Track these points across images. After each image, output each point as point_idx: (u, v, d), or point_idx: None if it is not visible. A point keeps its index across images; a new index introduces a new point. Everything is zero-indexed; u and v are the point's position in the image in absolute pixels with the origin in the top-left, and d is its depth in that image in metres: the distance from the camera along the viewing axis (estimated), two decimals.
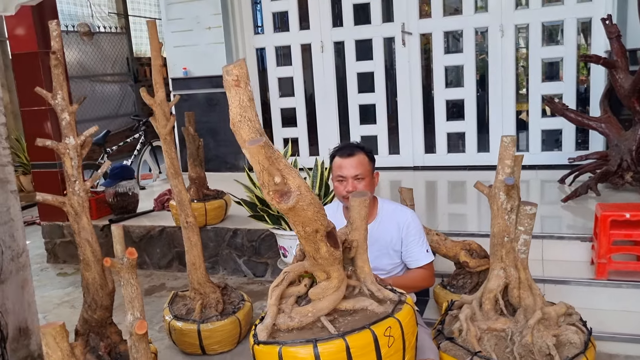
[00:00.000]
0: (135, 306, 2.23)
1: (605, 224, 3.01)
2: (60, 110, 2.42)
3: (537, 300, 2.38)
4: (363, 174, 2.50)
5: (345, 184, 2.50)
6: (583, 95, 5.56)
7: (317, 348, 1.73)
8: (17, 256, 2.31)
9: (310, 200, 1.66)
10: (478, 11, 5.54)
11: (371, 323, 1.79)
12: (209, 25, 6.19)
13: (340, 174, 2.51)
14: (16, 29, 4.59)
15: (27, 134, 4.86)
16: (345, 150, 2.54)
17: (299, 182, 1.64)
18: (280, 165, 1.61)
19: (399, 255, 2.64)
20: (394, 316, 1.83)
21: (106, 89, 10.01)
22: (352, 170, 2.49)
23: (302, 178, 1.68)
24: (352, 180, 2.49)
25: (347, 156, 2.51)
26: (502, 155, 2.35)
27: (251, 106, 1.60)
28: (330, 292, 1.89)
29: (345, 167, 2.50)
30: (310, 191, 1.69)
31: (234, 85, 1.58)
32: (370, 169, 2.55)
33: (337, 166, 2.53)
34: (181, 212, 3.09)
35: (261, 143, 1.55)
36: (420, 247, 2.62)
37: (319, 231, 1.74)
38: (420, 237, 2.63)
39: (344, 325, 1.84)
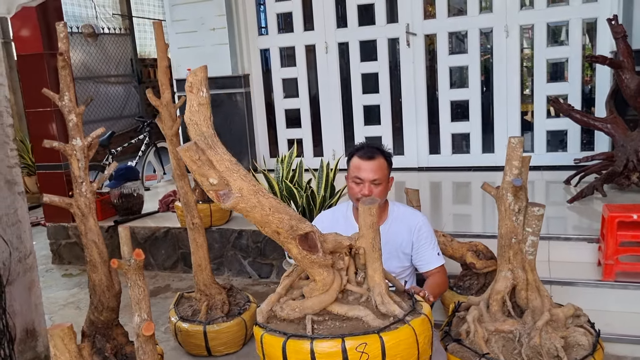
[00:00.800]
0: (142, 307, 2.22)
1: (612, 225, 3.00)
2: (67, 112, 2.42)
3: (545, 301, 2.37)
4: (381, 179, 2.47)
5: (362, 187, 2.46)
6: (588, 95, 5.54)
7: (287, 342, 1.78)
8: (24, 258, 2.31)
9: (254, 203, 1.69)
10: (483, 12, 5.53)
11: (347, 335, 1.76)
12: (214, 27, 6.19)
13: (358, 175, 2.47)
14: (21, 31, 4.60)
15: (32, 135, 4.87)
16: (366, 152, 2.49)
17: (242, 185, 1.68)
18: (222, 167, 1.68)
19: (409, 259, 2.63)
20: (378, 333, 1.77)
21: (110, 90, 10.02)
22: (371, 174, 2.45)
23: (250, 182, 1.70)
24: (369, 185, 2.45)
25: (367, 159, 2.47)
26: (509, 156, 2.34)
27: (200, 110, 1.72)
28: (317, 294, 1.90)
29: (365, 170, 2.46)
30: (259, 194, 1.70)
31: (188, 90, 1.70)
32: (388, 173, 2.53)
33: (356, 167, 2.48)
34: (187, 214, 3.09)
35: (185, 147, 1.68)
36: (432, 250, 2.62)
37: (279, 233, 1.77)
38: (431, 240, 2.62)
39: (326, 329, 1.84)
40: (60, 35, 2.37)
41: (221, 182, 1.68)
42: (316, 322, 1.88)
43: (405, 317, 1.86)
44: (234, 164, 1.71)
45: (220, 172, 1.68)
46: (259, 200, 1.71)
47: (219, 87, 6.25)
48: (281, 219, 1.76)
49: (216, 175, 1.68)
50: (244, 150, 6.32)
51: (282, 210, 1.77)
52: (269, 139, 6.57)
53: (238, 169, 1.72)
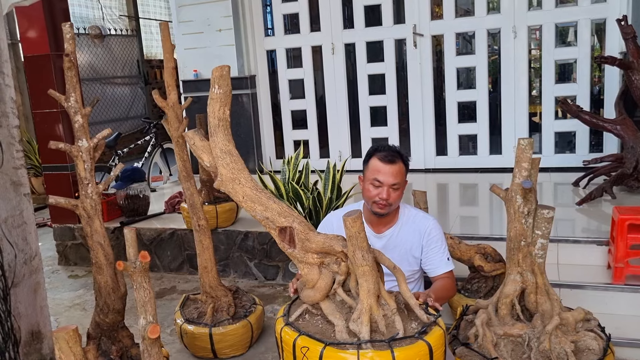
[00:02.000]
0: (147, 310, 2.21)
1: (622, 228, 2.96)
2: (74, 113, 2.41)
3: (555, 305, 2.33)
4: (399, 184, 2.45)
5: (380, 191, 2.42)
6: (597, 97, 5.49)
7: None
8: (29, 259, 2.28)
9: (230, 189, 1.96)
10: (490, 12, 5.49)
11: (303, 333, 1.86)
12: (220, 28, 6.18)
13: (378, 178, 2.43)
14: (28, 32, 4.61)
15: (39, 136, 4.87)
16: (387, 156, 2.44)
17: (222, 172, 1.97)
18: (215, 154, 2.00)
19: (418, 263, 2.60)
20: (327, 346, 1.78)
21: (117, 91, 10.05)
22: (392, 178, 2.42)
23: (231, 169, 1.96)
24: (389, 189, 2.42)
25: (388, 162, 2.42)
26: (519, 158, 2.31)
27: (211, 103, 2.07)
28: (305, 287, 1.98)
29: (385, 173, 2.42)
30: (235, 183, 1.94)
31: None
32: (405, 178, 2.51)
33: (375, 169, 2.44)
34: (193, 215, 3.08)
35: (190, 132, 2.11)
36: (442, 255, 2.58)
37: (266, 220, 1.95)
38: (441, 245, 2.59)
39: (304, 325, 1.95)
40: (66, 36, 2.36)
41: (213, 165, 2.00)
42: (308, 313, 1.99)
43: (368, 343, 1.77)
44: (223, 153, 1.99)
45: (213, 157, 2.00)
46: (233, 187, 1.96)
47: None
48: (253, 208, 1.95)
49: (208, 159, 2.01)
50: (251, 151, 6.31)
51: (257, 201, 1.95)
52: (275, 140, 6.56)
53: (224, 157, 1.99)
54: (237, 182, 1.97)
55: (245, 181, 1.97)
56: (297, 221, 1.95)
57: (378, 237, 2.57)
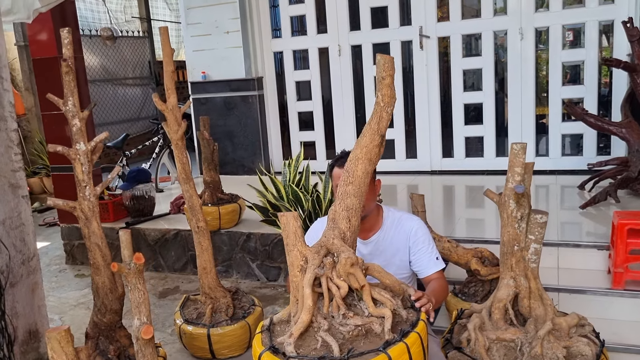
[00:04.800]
0: (142, 311, 2.24)
1: (622, 233, 2.94)
2: (71, 117, 2.46)
3: (548, 310, 2.33)
4: None
5: None
6: (605, 98, 5.44)
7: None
8: (27, 260, 2.34)
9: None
10: (497, 14, 5.47)
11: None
12: (228, 30, 6.23)
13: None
14: (37, 35, 4.68)
15: (47, 137, 4.94)
16: (343, 160, 2.44)
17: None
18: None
19: (407, 266, 2.58)
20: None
21: (128, 92, 10.15)
22: None
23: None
24: None
25: (344, 165, 2.44)
26: (512, 163, 2.32)
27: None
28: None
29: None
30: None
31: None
32: (372, 177, 2.44)
33: (336, 176, 2.46)
34: (192, 217, 3.11)
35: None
36: (430, 254, 2.55)
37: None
38: (428, 244, 2.56)
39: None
40: (64, 42, 2.40)
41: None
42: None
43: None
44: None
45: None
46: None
47: (232, 89, 6.29)
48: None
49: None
50: (258, 152, 6.34)
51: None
52: (282, 142, 6.59)
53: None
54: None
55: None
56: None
57: (364, 243, 2.57)
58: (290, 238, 1.92)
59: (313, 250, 1.90)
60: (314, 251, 1.90)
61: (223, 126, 6.33)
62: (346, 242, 1.86)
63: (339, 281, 1.83)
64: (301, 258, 1.91)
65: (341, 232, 1.86)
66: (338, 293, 1.82)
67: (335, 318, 1.83)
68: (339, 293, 1.82)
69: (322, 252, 1.90)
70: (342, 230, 1.87)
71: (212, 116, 6.10)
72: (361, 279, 1.81)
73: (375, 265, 1.91)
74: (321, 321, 1.83)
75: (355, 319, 1.80)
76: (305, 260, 1.90)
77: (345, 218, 1.89)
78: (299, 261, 1.91)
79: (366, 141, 1.99)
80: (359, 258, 1.84)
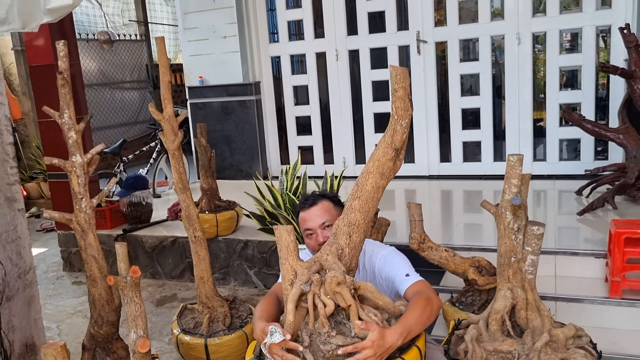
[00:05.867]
0: (138, 324, 2.24)
1: (619, 241, 2.94)
2: (67, 129, 2.45)
3: (545, 321, 2.32)
4: (331, 220, 2.26)
5: (315, 237, 2.28)
6: (602, 103, 5.45)
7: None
8: (24, 273, 2.33)
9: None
10: (494, 19, 5.47)
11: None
12: (225, 34, 6.22)
13: (307, 227, 2.30)
14: (33, 41, 4.67)
15: (44, 144, 4.93)
16: (306, 203, 2.34)
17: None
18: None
19: (394, 298, 2.25)
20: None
21: (125, 95, 10.14)
22: (317, 219, 2.28)
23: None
24: (320, 230, 2.26)
25: (308, 207, 2.32)
26: (508, 175, 2.31)
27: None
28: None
29: (309, 218, 2.29)
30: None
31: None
32: (338, 213, 2.24)
33: (303, 220, 2.33)
34: (189, 227, 3.10)
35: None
36: (396, 272, 2.22)
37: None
38: (397, 262, 2.27)
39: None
40: (60, 54, 2.39)
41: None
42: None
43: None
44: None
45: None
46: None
47: (230, 94, 6.28)
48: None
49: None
50: (255, 157, 6.34)
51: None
52: (279, 146, 6.59)
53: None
54: None
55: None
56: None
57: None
58: (283, 251, 1.91)
59: (304, 265, 1.89)
60: (305, 266, 1.89)
61: (220, 131, 6.33)
62: (343, 258, 1.85)
63: (325, 299, 1.82)
64: (291, 272, 1.90)
65: (339, 247, 1.85)
66: (323, 311, 1.81)
67: (320, 336, 1.83)
68: (323, 311, 1.81)
69: (314, 268, 1.89)
70: (341, 246, 1.86)
71: (209, 121, 6.11)
72: (348, 298, 1.80)
73: (367, 284, 1.87)
74: (304, 337, 1.83)
75: (338, 338, 1.80)
76: (295, 275, 1.90)
77: (346, 234, 1.87)
78: (289, 275, 1.91)
79: (379, 154, 1.93)
80: (347, 277, 1.81)
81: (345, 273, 1.84)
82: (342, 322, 1.90)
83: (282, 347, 1.81)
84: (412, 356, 1.87)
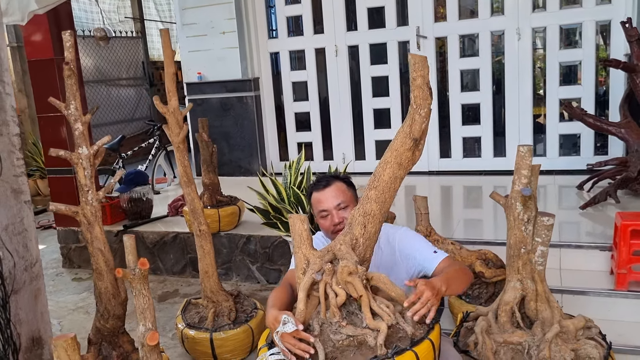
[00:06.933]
0: (147, 317, 2.22)
1: (625, 234, 2.94)
2: (74, 120, 2.42)
3: (555, 313, 2.32)
4: (346, 202, 2.30)
5: (330, 217, 2.29)
6: (602, 98, 5.46)
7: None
8: (30, 266, 2.31)
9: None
10: (494, 14, 5.47)
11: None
12: (224, 30, 6.19)
13: (322, 208, 2.31)
14: (32, 36, 4.63)
15: (43, 140, 4.89)
16: (320, 183, 2.35)
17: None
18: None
19: (411, 272, 2.35)
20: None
21: (122, 93, 10.09)
22: (332, 200, 2.29)
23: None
24: (336, 211, 2.29)
25: (322, 188, 2.33)
26: (518, 165, 2.31)
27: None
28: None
29: (325, 199, 2.31)
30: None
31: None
32: (352, 195, 2.35)
33: (317, 201, 2.34)
34: (194, 220, 3.08)
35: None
36: (423, 251, 2.31)
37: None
38: (420, 243, 2.36)
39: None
40: (66, 44, 2.37)
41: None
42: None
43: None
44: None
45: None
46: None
47: (229, 90, 6.25)
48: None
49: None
50: (254, 153, 6.31)
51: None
52: (279, 143, 6.57)
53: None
54: None
55: None
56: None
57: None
58: (296, 240, 1.91)
59: (317, 254, 1.89)
60: (318, 255, 1.88)
61: (219, 127, 6.30)
62: (357, 248, 1.83)
63: (337, 288, 1.81)
64: (304, 261, 1.90)
65: (353, 237, 1.84)
66: (334, 300, 1.81)
67: (331, 325, 1.82)
68: (335, 301, 1.81)
69: (327, 257, 1.88)
70: (355, 236, 1.85)
71: (208, 117, 6.01)
72: (359, 288, 1.78)
73: (381, 276, 1.85)
74: (315, 326, 1.83)
75: (349, 328, 1.79)
76: (307, 263, 1.89)
77: (360, 224, 1.85)
78: (302, 264, 1.90)
79: (397, 144, 1.89)
80: (359, 267, 1.80)
81: (357, 263, 1.82)
82: (354, 313, 1.88)
83: (294, 337, 1.80)
84: (424, 349, 1.85)
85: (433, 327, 1.85)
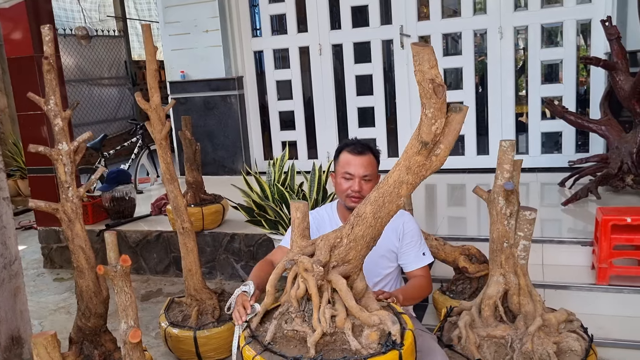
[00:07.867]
0: (129, 314, 2.19)
1: (606, 229, 2.97)
2: (53, 116, 2.39)
3: (538, 306, 2.34)
4: (371, 175, 2.40)
5: (352, 183, 2.37)
6: (583, 97, 5.53)
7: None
8: (9, 264, 2.27)
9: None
10: (477, 13, 5.51)
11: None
12: (207, 29, 6.16)
13: (349, 171, 2.37)
14: (12, 33, 4.56)
15: (23, 138, 4.81)
16: (356, 148, 2.40)
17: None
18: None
19: (395, 259, 2.55)
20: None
21: (104, 92, 9.99)
22: (362, 169, 2.37)
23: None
24: (360, 180, 2.37)
25: (357, 154, 2.38)
26: (500, 160, 2.32)
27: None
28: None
29: (355, 165, 2.37)
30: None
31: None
32: (377, 171, 2.45)
33: (345, 162, 2.39)
34: (177, 218, 3.06)
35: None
36: (417, 249, 2.51)
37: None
38: (417, 239, 2.53)
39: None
40: (45, 39, 2.33)
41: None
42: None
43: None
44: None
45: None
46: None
47: (212, 89, 6.22)
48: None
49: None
50: (238, 152, 6.29)
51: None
52: (263, 142, 6.55)
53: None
54: None
55: None
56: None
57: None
58: (293, 227, 1.97)
59: (302, 245, 1.91)
60: (302, 245, 1.91)
61: (203, 126, 6.26)
62: (338, 248, 1.80)
63: (300, 281, 1.82)
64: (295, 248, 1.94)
65: (339, 235, 1.81)
66: (294, 292, 1.83)
67: (288, 314, 1.85)
68: (294, 292, 1.82)
69: (308, 249, 1.87)
70: (341, 234, 1.81)
71: (191, 116, 5.99)
72: (310, 286, 1.77)
73: (340, 281, 1.77)
74: (280, 309, 1.88)
75: (296, 322, 1.80)
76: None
77: (350, 223, 1.81)
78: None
79: (407, 146, 1.77)
80: (316, 267, 1.75)
81: (319, 263, 1.77)
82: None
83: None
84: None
85: (386, 352, 1.68)
